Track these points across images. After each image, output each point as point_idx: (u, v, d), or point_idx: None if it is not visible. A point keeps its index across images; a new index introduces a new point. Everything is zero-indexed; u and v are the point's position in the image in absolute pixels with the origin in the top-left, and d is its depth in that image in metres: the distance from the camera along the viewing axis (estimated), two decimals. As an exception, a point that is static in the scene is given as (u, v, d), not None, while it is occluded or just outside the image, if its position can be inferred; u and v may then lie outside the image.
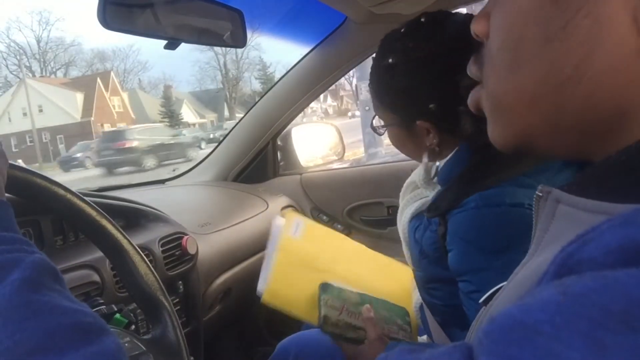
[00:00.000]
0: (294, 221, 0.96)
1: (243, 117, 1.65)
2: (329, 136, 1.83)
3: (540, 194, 0.32)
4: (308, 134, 1.79)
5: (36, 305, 0.35)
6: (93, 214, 0.64)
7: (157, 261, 0.96)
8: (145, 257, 0.68)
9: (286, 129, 1.66)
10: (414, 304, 0.93)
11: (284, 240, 0.92)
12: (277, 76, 18.31)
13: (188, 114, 36.71)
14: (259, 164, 1.66)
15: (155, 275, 0.68)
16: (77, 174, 17.06)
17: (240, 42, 1.07)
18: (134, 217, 1.03)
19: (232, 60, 39.95)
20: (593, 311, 0.18)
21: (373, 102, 0.82)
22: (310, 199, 1.62)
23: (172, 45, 0.95)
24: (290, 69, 1.52)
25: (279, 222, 0.95)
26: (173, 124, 32.02)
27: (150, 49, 45.22)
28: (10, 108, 32.07)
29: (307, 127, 1.87)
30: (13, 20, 53.51)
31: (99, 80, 31.94)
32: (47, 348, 0.33)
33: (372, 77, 0.79)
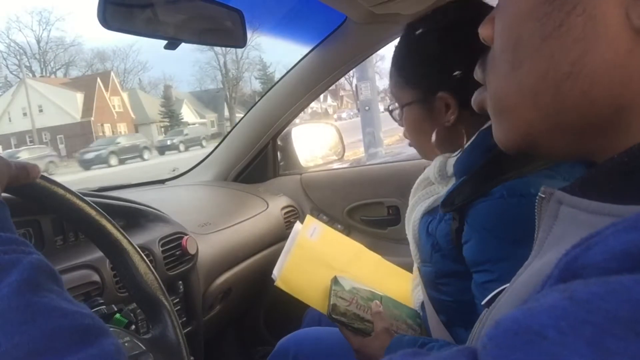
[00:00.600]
0: (311, 225, 1.04)
1: (243, 117, 1.65)
2: (329, 136, 1.83)
3: (542, 195, 0.32)
4: (308, 134, 1.79)
5: (35, 307, 0.35)
6: (93, 213, 0.64)
7: (157, 261, 0.96)
8: (145, 257, 0.68)
9: (286, 129, 1.66)
10: (414, 304, 0.93)
11: (301, 239, 0.99)
12: (277, 76, 18.38)
13: (188, 114, 36.72)
14: (259, 164, 1.66)
15: (155, 275, 0.68)
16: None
17: (240, 42, 1.08)
18: (134, 217, 1.03)
19: (232, 60, 39.96)
20: (598, 317, 0.18)
21: (392, 85, 0.85)
22: (310, 199, 1.62)
23: (172, 45, 0.95)
24: (290, 69, 1.52)
25: (297, 227, 1.03)
26: (173, 124, 32.12)
27: (150, 49, 45.13)
28: (10, 108, 32.13)
29: (307, 127, 1.87)
30: (13, 20, 53.13)
31: (99, 80, 31.96)
32: (46, 351, 0.33)
33: (399, 53, 0.83)
